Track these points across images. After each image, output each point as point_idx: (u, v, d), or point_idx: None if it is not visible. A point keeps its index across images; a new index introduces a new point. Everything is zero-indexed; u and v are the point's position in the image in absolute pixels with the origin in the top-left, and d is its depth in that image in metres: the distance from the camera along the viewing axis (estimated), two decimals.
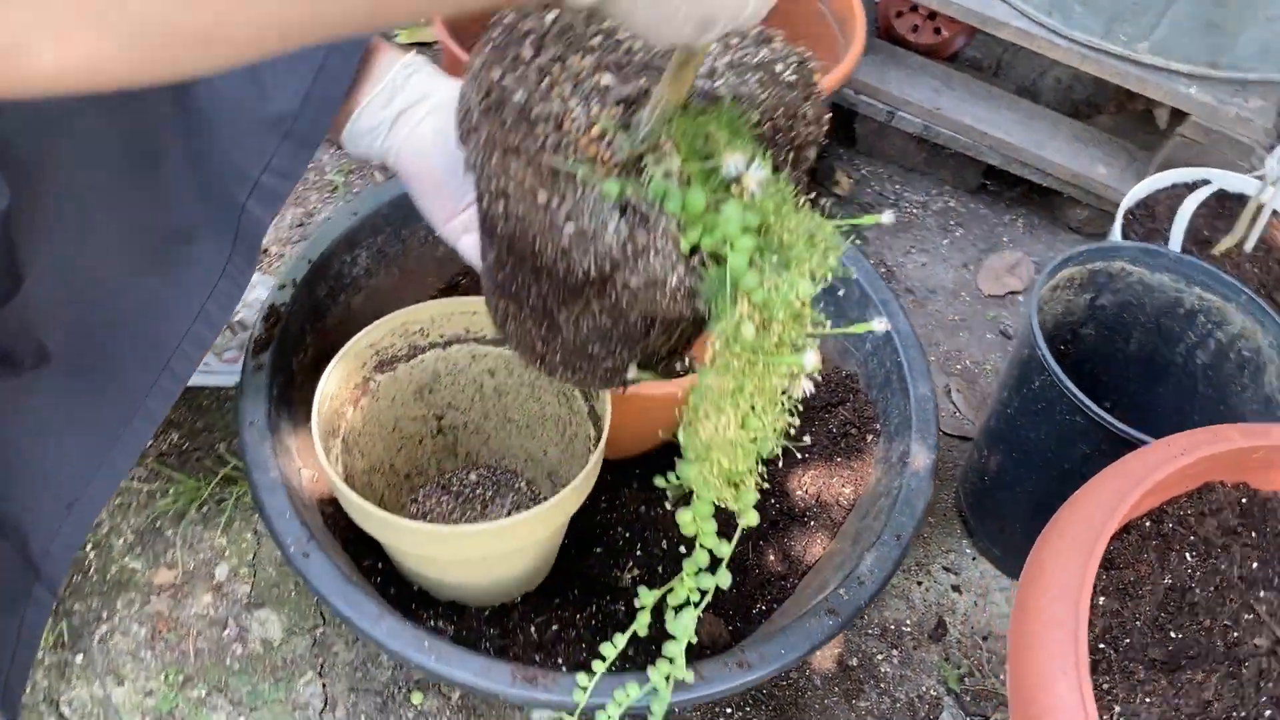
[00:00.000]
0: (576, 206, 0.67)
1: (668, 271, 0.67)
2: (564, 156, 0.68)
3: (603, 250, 0.67)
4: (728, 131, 0.69)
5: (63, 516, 0.95)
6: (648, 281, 0.68)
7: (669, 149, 0.69)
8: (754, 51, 0.76)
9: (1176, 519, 0.98)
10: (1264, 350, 1.20)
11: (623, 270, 0.67)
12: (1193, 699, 0.88)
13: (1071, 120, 1.69)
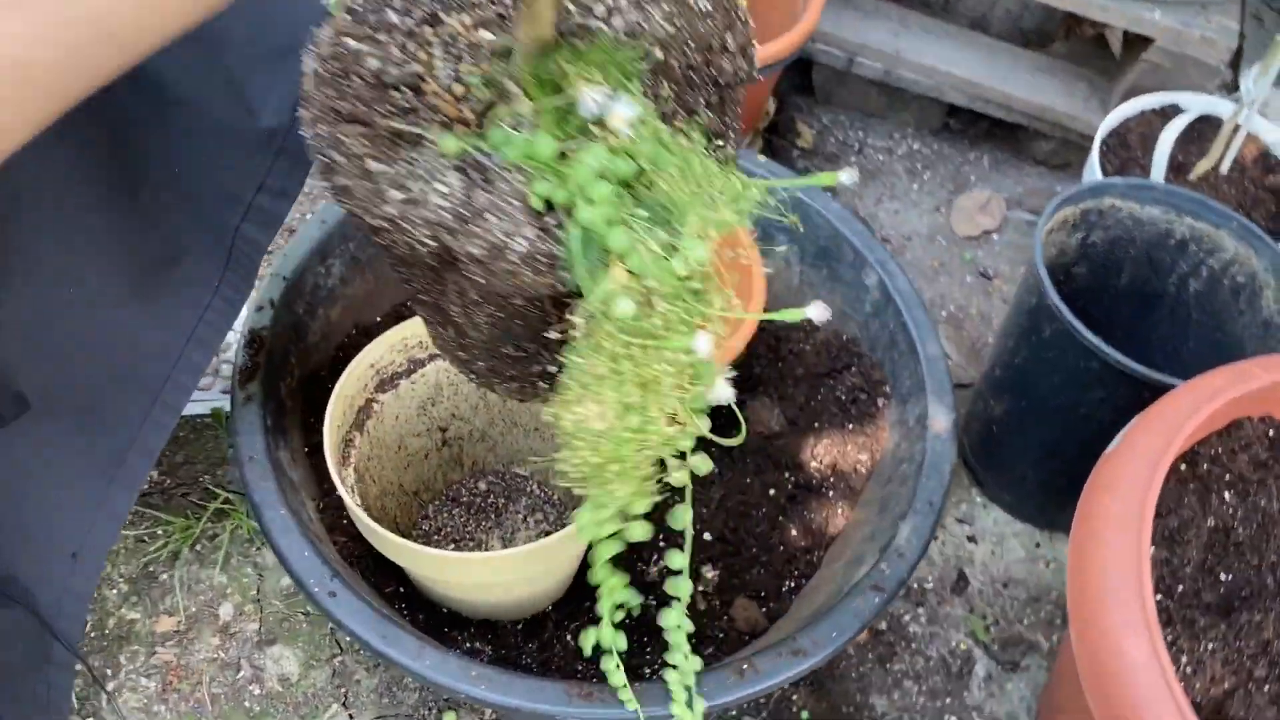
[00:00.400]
0: (409, 170, 0.58)
1: (511, 235, 0.57)
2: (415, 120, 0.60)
3: (433, 217, 0.57)
4: (590, 66, 0.58)
5: (69, 568, 0.90)
6: (490, 249, 0.57)
7: (517, 92, 0.59)
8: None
9: (1210, 459, 0.98)
10: (1259, 275, 1.20)
11: (460, 239, 0.58)
12: (1253, 640, 0.88)
13: (1031, 53, 1.67)
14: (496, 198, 0.57)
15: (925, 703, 1.22)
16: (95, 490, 0.91)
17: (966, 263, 1.64)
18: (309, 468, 1.12)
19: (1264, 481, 0.97)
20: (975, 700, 1.23)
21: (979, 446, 1.37)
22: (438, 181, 0.57)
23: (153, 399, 0.93)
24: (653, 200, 0.56)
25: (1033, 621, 1.30)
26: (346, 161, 0.59)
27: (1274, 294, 1.19)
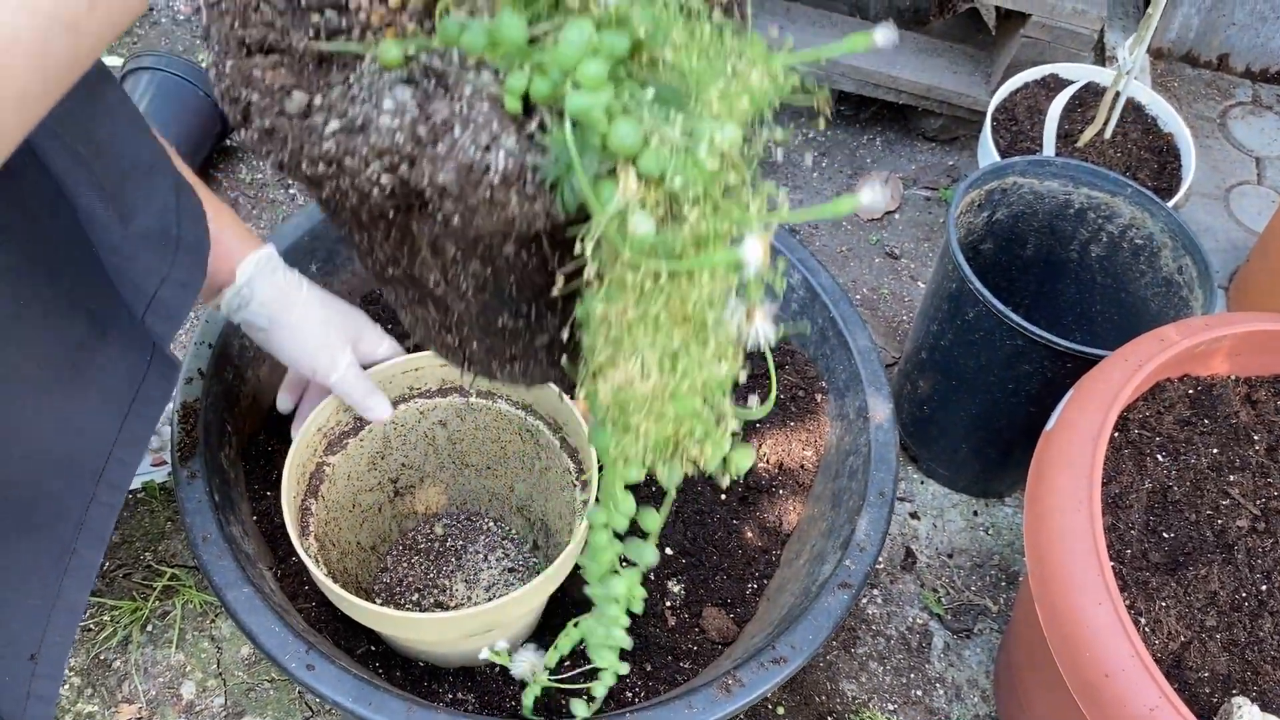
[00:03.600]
0: (344, 94, 0.46)
1: (487, 148, 0.44)
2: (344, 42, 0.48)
3: (383, 144, 0.44)
4: None
5: (28, 673, 0.86)
6: (463, 172, 0.44)
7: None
8: None
9: (1140, 424, 1.03)
10: (1156, 236, 1.27)
11: (423, 167, 0.45)
12: (1201, 592, 0.93)
13: (914, 35, 1.72)
14: (461, 104, 0.45)
15: (891, 681, 1.26)
16: (47, 586, 0.87)
17: (873, 245, 1.69)
18: (260, 537, 1.10)
19: (1190, 439, 1.03)
20: (937, 671, 1.27)
21: (911, 425, 1.41)
22: (384, 100, 0.45)
23: (95, 480, 0.89)
24: (658, 80, 0.43)
25: (980, 587, 1.35)
26: (264, 99, 0.47)
27: (1171, 253, 1.26)
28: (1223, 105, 1.97)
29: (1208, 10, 1.92)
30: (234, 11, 0.47)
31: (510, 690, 1.05)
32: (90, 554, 0.89)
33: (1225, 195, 1.81)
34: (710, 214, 0.43)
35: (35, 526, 0.86)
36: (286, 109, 0.46)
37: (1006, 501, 1.43)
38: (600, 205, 0.42)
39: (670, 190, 0.42)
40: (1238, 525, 0.97)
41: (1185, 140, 1.48)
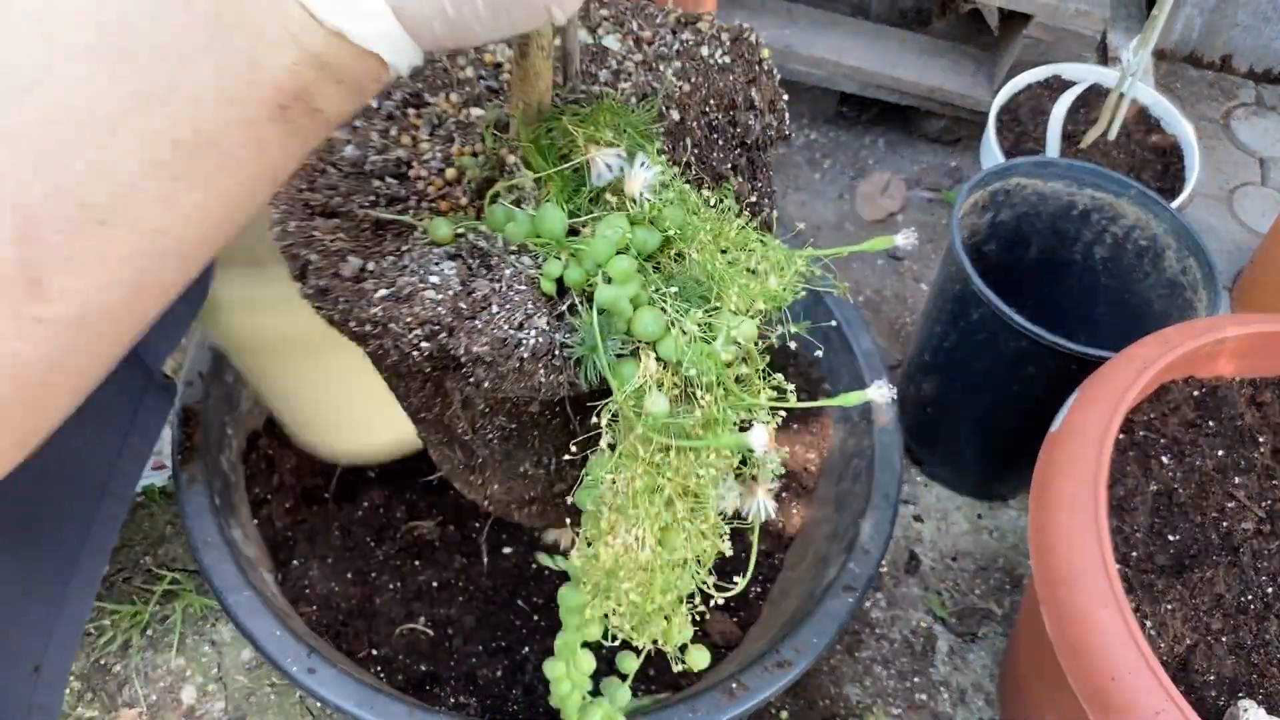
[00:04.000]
0: (395, 264, 0.50)
1: (521, 327, 0.48)
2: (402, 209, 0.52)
3: (426, 315, 0.49)
4: (597, 128, 0.50)
5: (32, 685, 0.86)
6: (496, 345, 0.48)
7: (517, 163, 0.52)
8: (670, 39, 0.61)
9: (1145, 425, 1.03)
10: (1160, 237, 1.26)
11: (460, 337, 0.49)
12: (1206, 595, 0.93)
13: (917, 36, 1.71)
14: (500, 284, 0.49)
15: (895, 685, 1.25)
16: (50, 598, 0.87)
17: None
18: (261, 541, 1.09)
19: (1195, 441, 1.02)
20: (941, 675, 1.27)
21: (914, 427, 1.41)
22: (430, 274, 0.49)
23: (99, 493, 0.89)
24: (684, 275, 0.47)
25: (984, 590, 1.35)
26: (322, 259, 0.51)
27: (1175, 254, 1.25)
28: (1226, 106, 1.96)
29: (1210, 11, 1.92)
30: (301, 174, 0.52)
31: (513, 695, 1.04)
32: (93, 566, 0.89)
33: (1229, 196, 1.81)
34: (722, 399, 0.46)
35: (38, 539, 0.85)
36: (341, 272, 0.50)
37: (1011, 504, 1.42)
38: (620, 385, 0.45)
39: (686, 375, 0.46)
40: (1243, 528, 0.97)
41: (1189, 141, 1.48)
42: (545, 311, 0.49)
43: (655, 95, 0.57)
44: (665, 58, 0.60)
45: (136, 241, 0.35)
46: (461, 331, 0.49)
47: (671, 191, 0.50)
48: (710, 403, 0.46)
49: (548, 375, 0.49)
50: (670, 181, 0.50)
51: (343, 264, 0.51)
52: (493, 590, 1.12)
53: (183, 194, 0.36)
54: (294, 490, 1.13)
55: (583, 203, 0.49)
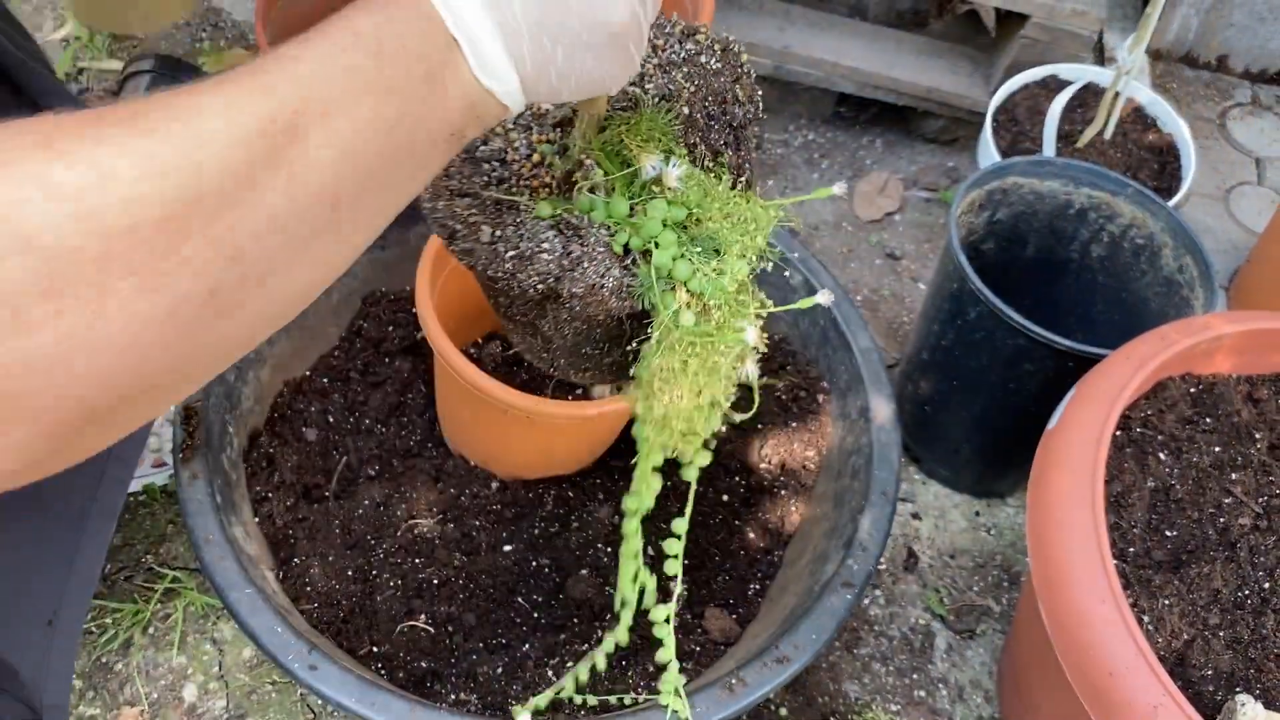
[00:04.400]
0: (516, 233, 0.73)
1: (603, 275, 0.73)
2: (508, 188, 0.75)
3: (542, 269, 0.73)
4: (642, 136, 0.74)
5: (48, 638, 0.88)
6: (588, 288, 0.73)
7: (592, 164, 0.75)
8: (679, 49, 0.80)
9: (1142, 422, 1.03)
10: (1157, 236, 1.27)
11: (564, 282, 0.73)
12: (1204, 590, 0.93)
13: (914, 36, 1.72)
14: (589, 248, 0.73)
15: (894, 682, 1.26)
16: (63, 552, 0.88)
17: (874, 246, 1.69)
18: (262, 539, 1.10)
19: (1192, 438, 1.03)
20: (940, 672, 1.27)
21: (912, 425, 1.41)
22: (542, 241, 0.72)
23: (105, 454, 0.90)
24: (703, 235, 0.73)
25: (982, 588, 1.35)
26: (465, 229, 0.74)
27: (1172, 252, 1.26)
28: (1222, 106, 1.97)
29: (1206, 11, 1.92)
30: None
31: (513, 691, 1.05)
32: (103, 526, 0.90)
33: (1225, 196, 1.82)
34: (728, 312, 0.72)
35: (49, 501, 0.86)
36: (480, 238, 0.74)
37: (1008, 502, 1.43)
38: (665, 307, 0.72)
39: (705, 301, 0.72)
40: (1240, 523, 0.97)
41: (1185, 140, 1.49)
42: (617, 264, 0.73)
43: (673, 98, 0.77)
44: (675, 64, 0.79)
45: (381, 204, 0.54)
46: (566, 279, 0.73)
47: (693, 180, 0.74)
48: (720, 315, 0.72)
49: (619, 303, 0.73)
50: (692, 172, 0.74)
51: (480, 232, 0.74)
52: (493, 588, 1.12)
53: (390, 199, 0.54)
54: (295, 488, 1.13)
55: (638, 190, 0.74)
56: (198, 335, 0.45)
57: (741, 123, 0.83)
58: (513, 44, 0.56)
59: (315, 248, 0.50)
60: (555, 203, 0.74)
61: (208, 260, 0.44)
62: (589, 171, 0.75)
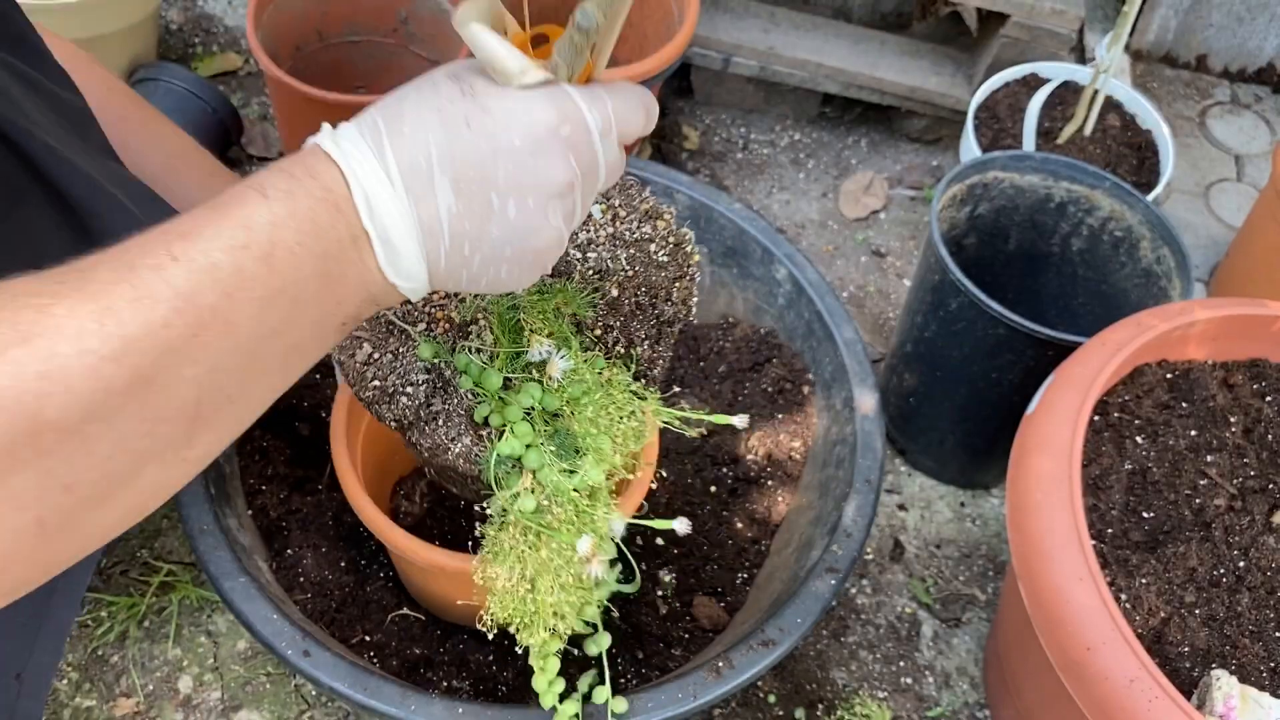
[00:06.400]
0: (391, 363, 0.74)
1: (453, 440, 0.75)
2: (409, 310, 0.75)
3: (399, 411, 0.74)
4: (550, 312, 0.74)
5: (14, 691, 0.86)
6: (434, 445, 0.74)
7: (486, 325, 0.74)
8: (635, 226, 0.81)
9: (1119, 407, 1.05)
10: (1135, 228, 1.29)
11: (414, 431, 0.75)
12: (1180, 569, 0.95)
13: (897, 37, 1.74)
14: (449, 408, 0.74)
15: (881, 669, 1.27)
16: (35, 604, 0.86)
17: (859, 244, 1.71)
18: (256, 530, 1.11)
19: (1168, 422, 1.05)
20: (926, 659, 1.29)
21: (897, 418, 1.43)
22: (410, 382, 0.73)
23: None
24: (569, 431, 0.73)
25: (968, 577, 1.37)
26: (345, 341, 0.74)
27: (1150, 244, 1.28)
28: (1202, 105, 2.00)
29: (1185, 12, 1.95)
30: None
31: (503, 676, 1.06)
32: (80, 574, 0.89)
33: (1205, 192, 1.84)
34: (571, 512, 0.73)
35: None
36: (356, 356, 0.75)
37: (993, 493, 1.45)
38: (508, 487, 0.72)
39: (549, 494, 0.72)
40: (1215, 504, 0.99)
41: (1163, 136, 1.51)
42: (472, 433, 0.75)
43: (608, 276, 0.78)
44: (625, 243, 0.80)
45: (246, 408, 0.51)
46: (417, 428, 0.75)
47: (576, 374, 0.73)
48: (563, 513, 0.73)
49: (466, 467, 0.75)
50: (579, 367, 0.73)
51: (358, 349, 0.75)
52: None
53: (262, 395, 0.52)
54: (288, 480, 1.15)
55: (519, 368, 0.73)
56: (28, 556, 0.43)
57: (669, 320, 0.82)
58: (430, 244, 0.53)
59: (168, 460, 0.47)
60: (439, 347, 0.73)
61: (38, 493, 0.41)
62: (481, 331, 0.73)
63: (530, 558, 0.74)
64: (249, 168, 1.64)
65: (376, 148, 0.53)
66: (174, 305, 0.44)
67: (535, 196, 0.54)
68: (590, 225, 0.79)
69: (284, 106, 1.51)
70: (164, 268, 0.44)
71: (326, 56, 1.60)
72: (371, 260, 0.52)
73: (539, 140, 0.54)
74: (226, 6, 1.86)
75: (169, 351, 0.44)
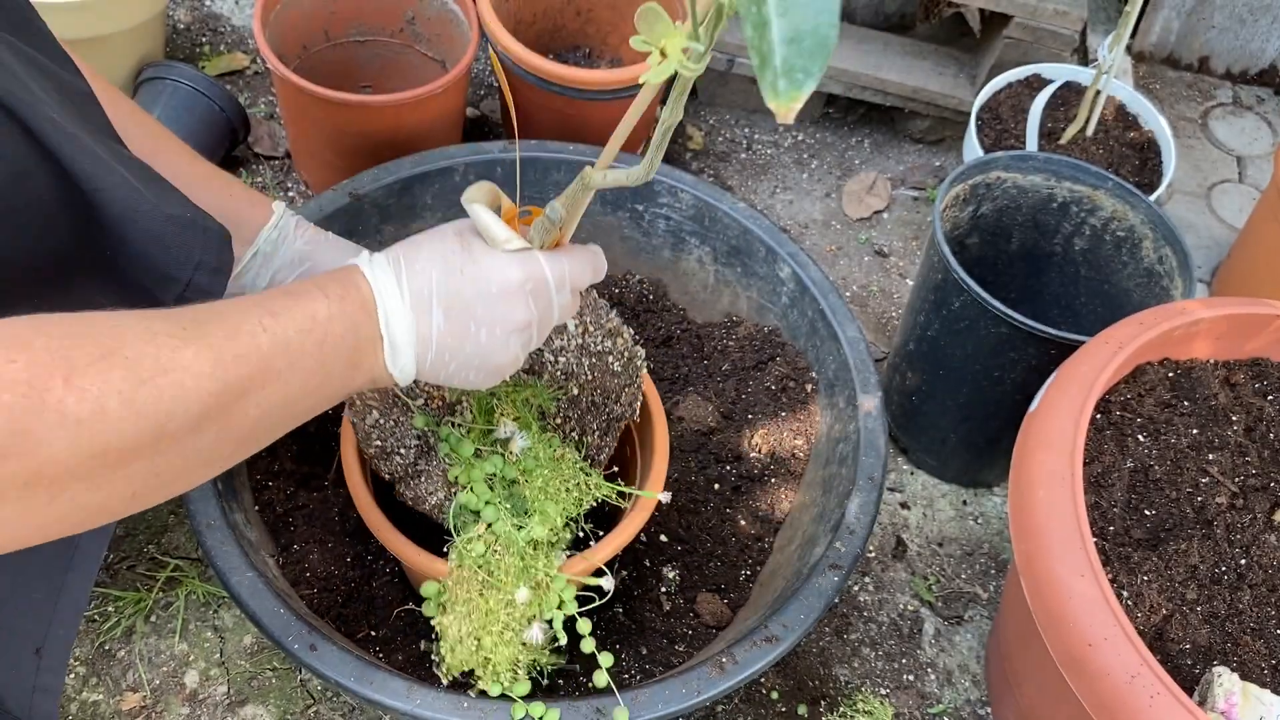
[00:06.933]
0: (392, 428, 0.92)
1: (430, 493, 0.93)
2: (412, 388, 0.93)
3: (392, 467, 0.92)
4: (519, 401, 0.93)
5: (34, 665, 0.88)
6: (416, 496, 0.93)
7: (467, 407, 0.93)
8: (599, 340, 0.99)
9: (1121, 405, 1.06)
10: (1137, 228, 1.30)
11: (403, 484, 0.93)
12: (1181, 567, 0.96)
13: (900, 38, 1.75)
14: (431, 468, 0.93)
15: (883, 666, 1.28)
16: (51, 580, 0.88)
17: (862, 244, 1.72)
18: (262, 525, 1.12)
19: (1170, 420, 1.05)
20: (928, 657, 1.30)
21: (900, 416, 1.44)
22: (403, 444, 0.93)
23: None
24: (521, 495, 0.92)
25: (970, 575, 1.37)
26: (361, 404, 0.93)
27: (1152, 244, 1.29)
28: (1204, 106, 2.00)
29: (1187, 14, 1.96)
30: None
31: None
32: (93, 547, 0.91)
33: (1207, 193, 1.85)
34: (517, 561, 0.89)
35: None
36: (366, 420, 0.94)
37: (995, 491, 1.45)
38: (465, 532, 0.89)
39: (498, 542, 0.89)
40: (1217, 502, 1.00)
41: (1165, 137, 1.52)
42: (445, 489, 0.93)
43: (571, 377, 0.96)
44: (589, 353, 0.98)
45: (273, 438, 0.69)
46: (405, 482, 0.94)
47: (534, 453, 0.92)
48: (508, 565, 0.89)
49: (437, 516, 0.94)
50: (534, 447, 0.92)
51: (368, 414, 0.94)
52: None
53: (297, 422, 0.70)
54: (295, 476, 1.16)
55: (489, 442, 0.93)
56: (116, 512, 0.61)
57: (617, 417, 1.01)
58: (421, 350, 0.73)
59: (216, 467, 0.66)
60: (431, 420, 0.91)
61: (143, 478, 0.59)
62: (463, 411, 0.93)
63: (480, 605, 0.89)
64: (256, 166, 1.65)
65: (397, 277, 0.72)
66: (258, 364, 0.63)
67: (501, 328, 0.75)
68: (564, 335, 0.97)
69: (290, 105, 1.52)
70: (257, 336, 0.63)
71: (333, 56, 1.61)
72: (381, 355, 0.72)
73: (509, 290, 0.74)
74: (234, 6, 1.87)
75: (244, 395, 0.62)
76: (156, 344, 0.58)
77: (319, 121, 1.47)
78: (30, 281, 0.75)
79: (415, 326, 0.72)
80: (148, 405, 0.56)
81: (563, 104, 1.50)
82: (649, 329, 1.39)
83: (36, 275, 0.75)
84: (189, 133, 1.50)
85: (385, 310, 0.71)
